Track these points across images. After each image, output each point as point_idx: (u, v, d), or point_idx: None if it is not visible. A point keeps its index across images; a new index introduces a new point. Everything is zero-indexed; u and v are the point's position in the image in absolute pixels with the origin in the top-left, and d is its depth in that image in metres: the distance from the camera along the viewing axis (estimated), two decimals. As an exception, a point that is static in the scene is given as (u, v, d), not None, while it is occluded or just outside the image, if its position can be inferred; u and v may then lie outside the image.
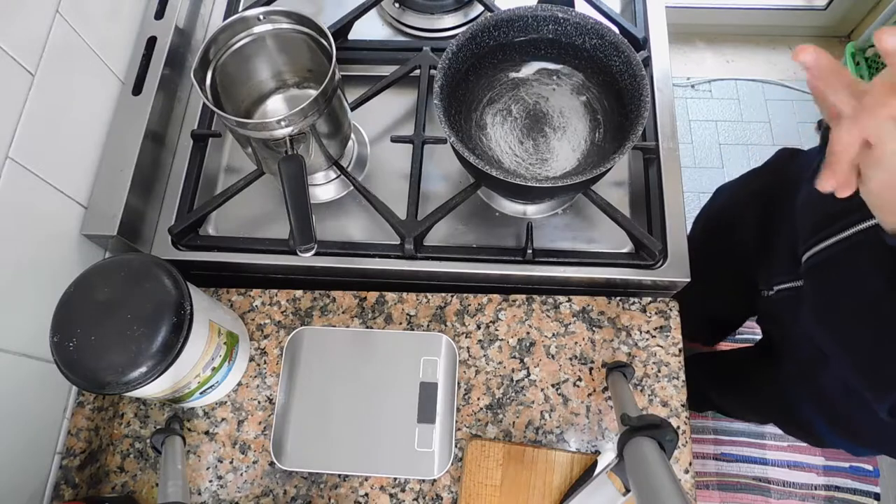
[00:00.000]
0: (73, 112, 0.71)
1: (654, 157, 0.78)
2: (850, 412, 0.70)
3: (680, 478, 0.67)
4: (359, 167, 0.83)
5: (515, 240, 0.77)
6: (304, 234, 0.61)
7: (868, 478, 1.44)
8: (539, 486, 0.66)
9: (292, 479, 0.69)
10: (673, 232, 0.74)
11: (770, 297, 0.77)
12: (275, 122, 0.63)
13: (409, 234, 0.73)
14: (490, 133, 0.76)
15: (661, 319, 0.73)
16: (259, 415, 0.72)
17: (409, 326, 0.74)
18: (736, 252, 0.90)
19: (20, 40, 0.62)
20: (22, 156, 0.62)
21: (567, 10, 0.70)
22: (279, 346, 0.74)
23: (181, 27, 0.85)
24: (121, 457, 0.71)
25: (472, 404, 0.71)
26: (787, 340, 0.79)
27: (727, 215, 0.97)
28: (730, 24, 1.91)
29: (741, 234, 0.90)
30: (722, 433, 1.50)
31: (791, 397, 0.80)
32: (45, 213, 0.67)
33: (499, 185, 0.70)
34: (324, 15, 0.92)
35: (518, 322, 0.74)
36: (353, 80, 0.86)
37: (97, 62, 0.75)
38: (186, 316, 0.57)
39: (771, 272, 0.77)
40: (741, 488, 1.45)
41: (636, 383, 0.71)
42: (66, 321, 0.56)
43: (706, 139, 1.81)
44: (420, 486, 0.68)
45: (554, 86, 0.77)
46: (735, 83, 1.88)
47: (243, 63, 0.73)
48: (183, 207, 0.78)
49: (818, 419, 0.77)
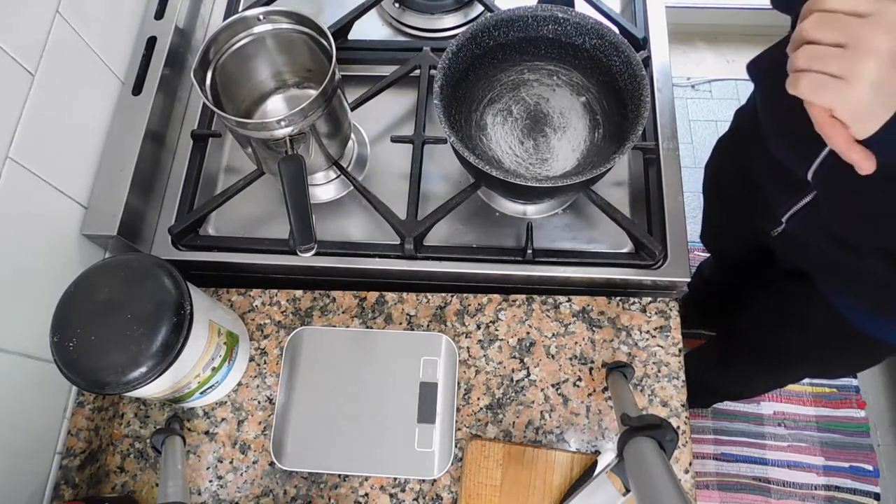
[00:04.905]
0: (73, 112, 0.71)
1: (654, 157, 0.78)
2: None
3: (680, 478, 0.67)
4: (359, 167, 0.83)
5: (515, 240, 0.77)
6: (304, 234, 0.61)
7: (868, 478, 1.44)
8: (539, 486, 0.66)
9: (292, 479, 0.69)
10: (673, 232, 0.74)
11: (783, 231, 0.76)
12: (275, 122, 0.63)
13: (409, 234, 0.73)
14: (490, 133, 0.76)
15: (661, 319, 0.73)
16: (259, 415, 0.72)
17: (409, 326, 0.74)
18: (736, 205, 0.92)
19: (20, 40, 0.62)
20: (22, 156, 0.62)
21: (567, 10, 0.70)
22: (279, 346, 0.74)
23: (181, 27, 0.85)
24: (121, 457, 0.71)
25: (472, 404, 0.71)
26: (813, 259, 0.77)
27: (715, 183, 0.99)
28: (730, 24, 1.91)
29: (732, 191, 0.92)
30: (722, 433, 1.50)
31: (828, 311, 0.78)
32: (46, 213, 0.67)
33: (499, 185, 0.70)
34: (324, 15, 0.92)
35: (518, 322, 0.74)
36: (353, 80, 0.86)
37: (97, 62, 0.75)
38: (186, 316, 0.57)
39: (772, 206, 0.76)
40: (741, 488, 1.45)
41: (636, 383, 0.71)
42: (66, 321, 0.56)
43: (706, 139, 1.81)
44: (420, 486, 0.68)
45: (554, 86, 0.77)
46: (735, 83, 1.88)
47: (243, 63, 0.73)
48: (183, 207, 0.78)
49: (860, 312, 0.74)
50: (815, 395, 1.52)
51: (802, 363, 0.96)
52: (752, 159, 0.78)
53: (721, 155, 0.96)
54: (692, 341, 1.50)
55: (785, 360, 0.98)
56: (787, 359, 0.96)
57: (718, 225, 1.08)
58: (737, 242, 1.05)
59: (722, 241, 1.13)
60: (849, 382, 1.53)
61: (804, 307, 0.83)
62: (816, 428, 1.49)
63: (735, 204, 0.94)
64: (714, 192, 1.02)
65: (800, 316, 0.85)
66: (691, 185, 1.65)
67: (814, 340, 0.86)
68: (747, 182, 0.80)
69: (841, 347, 0.84)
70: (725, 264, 1.25)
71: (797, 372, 1.05)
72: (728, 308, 1.29)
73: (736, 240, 1.04)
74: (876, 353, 0.83)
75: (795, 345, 0.90)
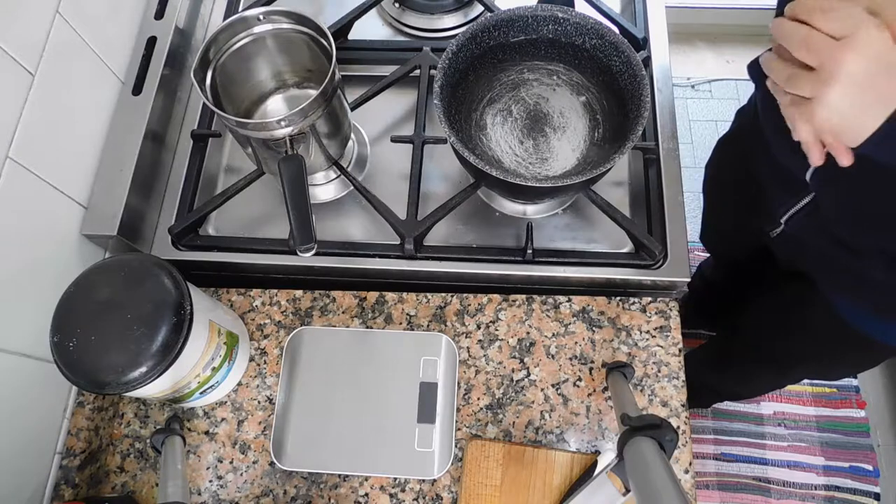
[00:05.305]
0: (73, 112, 0.71)
1: (654, 157, 0.78)
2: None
3: (680, 478, 0.67)
4: (359, 167, 0.83)
5: (515, 240, 0.77)
6: (304, 234, 0.61)
7: (868, 478, 1.44)
8: (539, 486, 0.66)
9: (292, 479, 0.69)
10: (673, 232, 0.74)
11: (782, 232, 0.76)
12: (275, 122, 0.63)
13: (409, 234, 0.73)
14: (490, 133, 0.76)
15: (661, 319, 0.73)
16: (259, 415, 0.72)
17: (409, 326, 0.74)
18: (736, 206, 0.92)
19: (20, 40, 0.62)
20: (22, 156, 0.62)
21: (567, 10, 0.70)
22: (279, 346, 0.74)
23: (181, 27, 0.85)
24: (121, 457, 0.71)
25: (472, 404, 0.71)
26: (813, 260, 0.78)
27: (715, 183, 1.00)
28: (730, 24, 1.91)
29: (732, 191, 0.93)
30: (722, 433, 1.50)
31: (828, 311, 0.78)
32: (45, 213, 0.67)
33: (499, 185, 0.70)
34: (324, 15, 0.92)
35: (518, 322, 0.74)
36: (353, 80, 0.86)
37: (97, 62, 0.75)
38: (186, 316, 0.57)
39: (772, 207, 0.76)
40: (741, 488, 1.45)
41: (636, 383, 0.71)
42: (66, 321, 0.56)
43: (706, 139, 1.81)
44: (420, 486, 0.68)
45: (554, 86, 0.77)
46: (735, 83, 1.88)
47: (243, 63, 0.73)
48: (183, 207, 0.78)
49: (861, 314, 0.75)
50: (815, 395, 1.52)
51: (802, 364, 0.96)
52: (753, 159, 0.78)
53: (721, 155, 0.96)
54: (692, 341, 1.50)
55: (785, 361, 0.98)
56: (787, 359, 0.96)
57: (718, 225, 1.08)
58: (737, 243, 1.05)
59: (722, 242, 1.13)
60: (849, 382, 1.53)
61: (804, 308, 0.83)
62: (816, 428, 1.49)
63: (735, 204, 0.94)
64: (714, 192, 1.02)
65: (800, 316, 0.85)
66: (691, 185, 1.65)
67: (814, 341, 0.86)
68: (748, 182, 0.80)
69: (841, 348, 0.84)
70: (725, 264, 1.25)
71: (797, 372, 1.05)
72: (728, 308, 1.29)
73: (736, 240, 1.05)
74: (876, 353, 0.83)
75: (795, 345, 0.90)
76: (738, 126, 0.89)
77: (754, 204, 0.81)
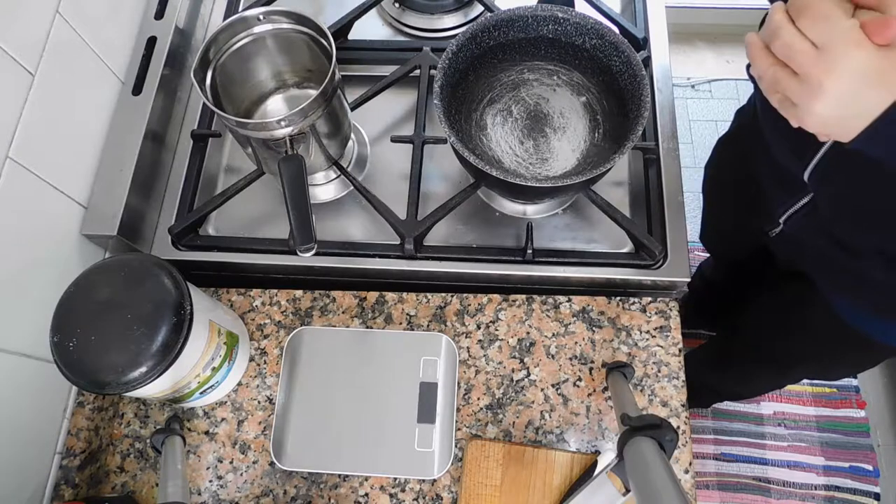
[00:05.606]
0: (73, 112, 0.71)
1: (654, 157, 0.78)
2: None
3: (680, 478, 0.67)
4: (359, 167, 0.83)
5: (515, 240, 0.77)
6: (304, 234, 0.61)
7: (868, 478, 1.44)
8: (539, 486, 0.66)
9: (292, 479, 0.69)
10: (673, 232, 0.74)
11: (781, 232, 0.76)
12: (275, 122, 0.63)
13: (409, 234, 0.73)
14: (490, 133, 0.76)
15: (661, 319, 0.73)
16: (259, 415, 0.72)
17: (409, 326, 0.74)
18: (736, 206, 0.92)
19: (20, 40, 0.62)
20: (22, 156, 0.62)
21: (567, 10, 0.70)
22: (279, 346, 0.74)
23: (181, 27, 0.85)
24: (121, 457, 0.71)
25: (472, 404, 0.71)
26: (812, 260, 0.78)
27: (715, 183, 1.00)
28: (730, 24, 1.91)
29: (732, 191, 0.93)
30: (722, 433, 1.50)
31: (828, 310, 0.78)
32: (45, 213, 0.67)
33: (499, 185, 0.70)
34: (324, 15, 0.92)
35: (518, 322, 0.74)
36: (353, 80, 0.86)
37: (97, 62, 0.75)
38: (186, 316, 0.57)
39: (771, 207, 0.76)
40: (741, 488, 1.45)
41: (636, 383, 0.71)
42: (66, 321, 0.56)
43: (706, 139, 1.81)
44: (420, 486, 0.68)
45: (554, 86, 0.77)
46: (735, 83, 1.88)
47: (243, 63, 0.73)
48: (183, 207, 0.78)
49: (861, 314, 0.75)
50: (815, 395, 1.52)
51: (802, 364, 0.96)
52: (752, 159, 0.78)
53: (721, 155, 0.96)
54: (692, 341, 1.50)
55: (785, 361, 0.98)
56: (787, 359, 0.96)
57: (718, 225, 1.08)
58: (737, 243, 1.05)
59: (722, 242, 1.13)
60: (849, 382, 1.53)
61: (804, 308, 0.83)
62: (816, 428, 1.49)
63: (735, 204, 0.94)
64: (714, 192, 1.02)
65: (800, 317, 0.85)
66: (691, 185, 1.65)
67: (813, 341, 0.86)
68: (747, 182, 0.80)
69: (841, 348, 0.84)
70: (725, 264, 1.25)
71: (797, 372, 1.05)
72: (728, 308, 1.29)
73: (736, 240, 1.05)
74: (875, 353, 0.83)
75: (795, 345, 0.90)
76: (737, 126, 0.89)
77: (754, 204, 0.81)
